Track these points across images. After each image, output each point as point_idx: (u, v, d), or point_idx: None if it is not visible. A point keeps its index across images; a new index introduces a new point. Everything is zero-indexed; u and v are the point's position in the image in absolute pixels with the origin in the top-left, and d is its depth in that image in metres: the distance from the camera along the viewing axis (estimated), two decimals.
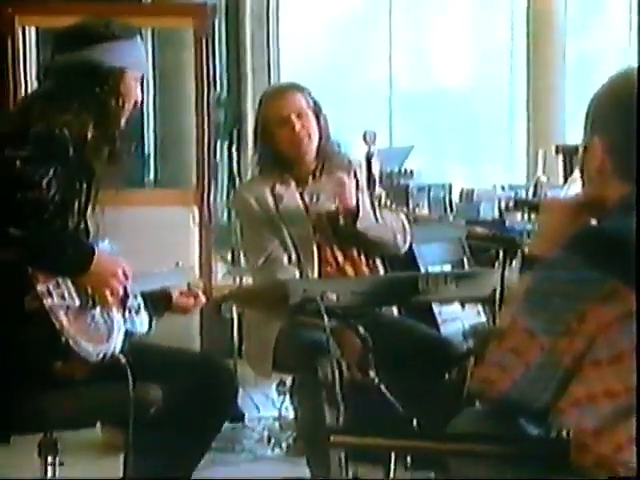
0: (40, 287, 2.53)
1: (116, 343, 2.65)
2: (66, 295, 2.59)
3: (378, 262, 3.55)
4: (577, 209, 1.87)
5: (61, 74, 2.74)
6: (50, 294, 2.55)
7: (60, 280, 2.59)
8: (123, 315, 2.75)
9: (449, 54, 10.70)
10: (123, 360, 2.59)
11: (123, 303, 2.75)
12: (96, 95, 2.73)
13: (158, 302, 2.93)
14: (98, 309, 2.67)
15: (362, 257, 3.53)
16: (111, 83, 2.74)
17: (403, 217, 3.60)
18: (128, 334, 2.75)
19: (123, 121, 2.81)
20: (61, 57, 2.76)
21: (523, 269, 1.87)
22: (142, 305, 2.84)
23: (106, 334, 2.65)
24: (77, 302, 2.62)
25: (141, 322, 2.83)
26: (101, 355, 2.58)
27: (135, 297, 2.82)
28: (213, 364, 2.98)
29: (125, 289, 2.73)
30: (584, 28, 10.83)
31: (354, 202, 3.41)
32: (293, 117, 3.47)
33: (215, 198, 5.50)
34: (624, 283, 1.65)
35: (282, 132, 3.48)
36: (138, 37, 2.83)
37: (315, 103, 3.53)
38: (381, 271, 3.55)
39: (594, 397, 1.67)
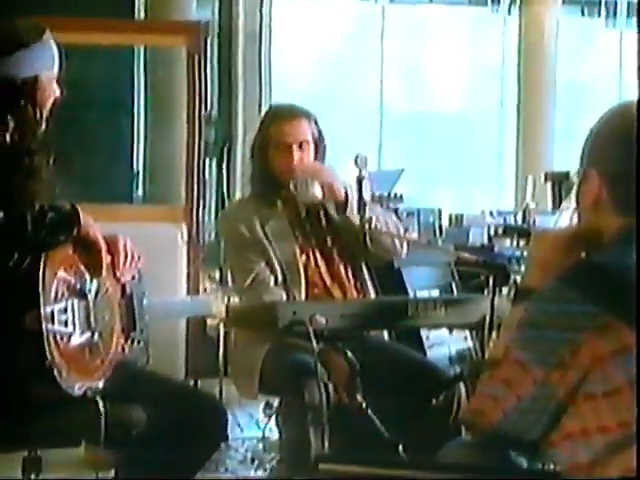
0: (46, 309, 2.43)
1: (102, 382, 2.57)
2: (69, 323, 2.51)
3: (368, 284, 3.53)
4: (572, 241, 1.86)
5: None
6: (53, 319, 2.45)
7: (69, 305, 2.52)
8: (124, 345, 2.71)
9: (441, 79, 10.74)
10: (101, 404, 2.51)
11: (127, 333, 2.72)
12: (13, 107, 2.58)
13: None
14: (99, 344, 2.59)
15: (350, 279, 3.51)
16: (27, 92, 2.59)
17: (399, 224, 3.58)
18: (123, 365, 2.69)
19: (44, 125, 2.66)
20: None
21: (516, 300, 1.86)
22: (145, 336, 2.80)
23: (95, 371, 2.57)
24: (78, 332, 2.53)
25: (141, 350, 2.79)
26: (83, 391, 2.50)
27: (142, 331, 2.77)
28: (203, 400, 2.88)
29: (134, 319, 2.71)
30: (575, 58, 10.90)
31: (342, 190, 3.38)
32: (295, 147, 3.43)
33: (204, 216, 5.47)
34: (617, 318, 1.65)
35: (279, 157, 3.45)
36: (46, 34, 2.64)
37: (320, 132, 3.49)
38: (369, 293, 3.53)
39: (587, 431, 1.66)
